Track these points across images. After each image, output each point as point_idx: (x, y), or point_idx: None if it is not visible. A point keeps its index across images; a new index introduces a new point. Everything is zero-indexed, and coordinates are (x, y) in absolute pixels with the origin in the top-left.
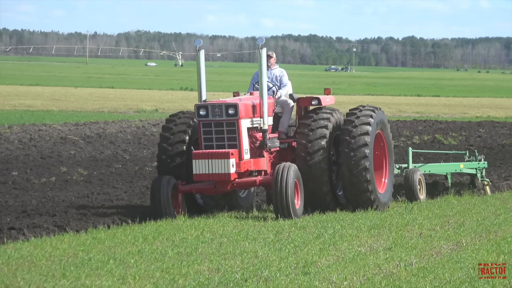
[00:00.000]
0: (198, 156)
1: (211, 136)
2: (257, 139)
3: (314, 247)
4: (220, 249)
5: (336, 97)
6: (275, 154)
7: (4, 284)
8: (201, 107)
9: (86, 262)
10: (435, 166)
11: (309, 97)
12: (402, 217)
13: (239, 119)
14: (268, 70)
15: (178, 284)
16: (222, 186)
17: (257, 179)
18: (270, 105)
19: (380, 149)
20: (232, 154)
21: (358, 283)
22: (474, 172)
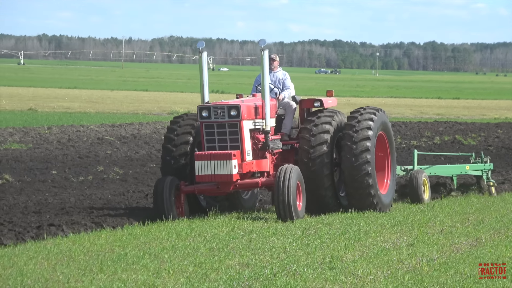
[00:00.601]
0: (200, 157)
1: (213, 137)
2: (259, 141)
3: (340, 243)
4: (250, 244)
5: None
6: (277, 155)
7: (44, 278)
8: (203, 109)
9: (122, 257)
10: (441, 168)
11: (311, 99)
12: (424, 214)
13: (241, 121)
14: (271, 72)
15: (210, 278)
16: (224, 187)
17: (259, 181)
18: (272, 107)
19: (382, 150)
20: (234, 155)
21: (382, 278)
22: (480, 173)
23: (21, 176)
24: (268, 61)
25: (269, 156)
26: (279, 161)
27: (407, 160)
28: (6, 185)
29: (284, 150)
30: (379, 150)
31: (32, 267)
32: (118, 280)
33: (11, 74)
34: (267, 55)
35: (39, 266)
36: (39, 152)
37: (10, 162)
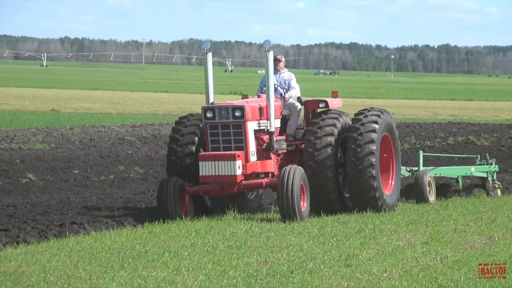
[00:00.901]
0: (204, 158)
1: (217, 138)
2: (264, 141)
3: (356, 241)
4: (268, 242)
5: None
6: (282, 156)
7: (67, 274)
8: (208, 109)
9: (143, 254)
10: (446, 169)
11: (316, 100)
12: (438, 213)
13: (245, 121)
14: (277, 73)
15: (229, 275)
16: (228, 188)
17: (263, 181)
18: (277, 108)
19: (387, 151)
20: (238, 156)
21: (397, 275)
22: (485, 175)
23: (44, 175)
24: (274, 62)
25: (274, 157)
26: (284, 161)
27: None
28: (30, 184)
29: (289, 151)
30: (384, 151)
31: (54, 264)
32: (138, 277)
33: (34, 76)
34: (272, 56)
35: (61, 263)
36: (62, 152)
37: (33, 162)
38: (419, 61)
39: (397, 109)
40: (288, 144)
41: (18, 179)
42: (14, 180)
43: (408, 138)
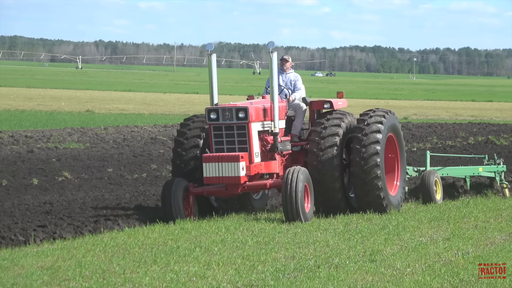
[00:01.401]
0: (208, 159)
1: (221, 139)
2: (268, 142)
3: (380, 237)
4: (295, 238)
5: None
6: (287, 157)
7: (101, 269)
8: (211, 111)
9: (174, 249)
10: (453, 169)
11: (321, 101)
12: (459, 211)
13: (249, 123)
14: (284, 74)
15: (258, 270)
16: (232, 189)
17: (267, 182)
18: (282, 109)
19: (392, 151)
20: (242, 157)
21: (420, 270)
22: (493, 175)
23: (79, 173)
24: (281, 62)
25: (279, 158)
26: (288, 162)
27: (442, 159)
28: (65, 182)
29: (294, 152)
30: (389, 152)
31: (90, 259)
32: (171, 272)
33: (70, 77)
34: (276, 57)
35: (96, 258)
36: (96, 151)
37: (69, 161)
38: (440, 63)
39: (419, 109)
40: (293, 144)
41: (54, 177)
42: (51, 178)
43: (430, 138)
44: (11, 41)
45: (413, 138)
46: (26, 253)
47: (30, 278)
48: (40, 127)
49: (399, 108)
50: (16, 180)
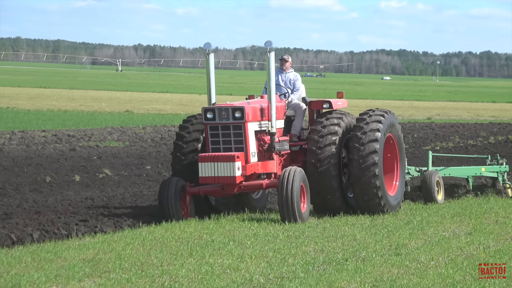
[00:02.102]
0: (204, 159)
1: (218, 139)
2: (265, 142)
3: (405, 231)
4: (324, 232)
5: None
6: (286, 157)
7: (140, 261)
8: (208, 110)
9: (209, 243)
10: (456, 169)
11: (320, 101)
12: (480, 207)
13: (245, 122)
14: (283, 73)
15: (288, 263)
16: (229, 189)
17: (263, 182)
18: (281, 108)
19: (391, 151)
20: (238, 157)
21: (443, 263)
22: (496, 175)
23: (119, 170)
24: (281, 61)
25: (277, 158)
26: (287, 162)
27: (462, 158)
28: (106, 178)
29: (293, 151)
30: (388, 152)
31: (129, 252)
32: (206, 264)
33: (110, 79)
34: (273, 57)
35: (135, 251)
36: (135, 149)
37: (109, 158)
38: (462, 66)
39: (442, 110)
40: (292, 144)
41: (95, 174)
42: (92, 175)
43: (452, 137)
44: (54, 45)
45: (436, 138)
46: (68, 246)
47: (73, 270)
48: (82, 126)
49: (423, 109)
50: (59, 176)
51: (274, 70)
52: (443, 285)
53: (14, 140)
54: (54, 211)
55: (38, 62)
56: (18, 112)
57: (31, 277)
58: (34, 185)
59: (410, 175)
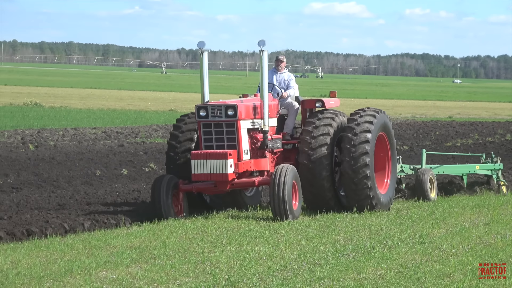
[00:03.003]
0: (196, 156)
1: (211, 136)
2: (258, 140)
3: (428, 222)
4: (353, 222)
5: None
6: (279, 154)
7: (183, 249)
8: (201, 108)
9: (247, 232)
10: (450, 167)
11: (313, 100)
12: (498, 199)
13: (238, 120)
14: (278, 73)
15: (320, 250)
16: (221, 186)
17: (256, 180)
18: (274, 107)
19: (383, 150)
20: (230, 154)
21: (464, 251)
22: (490, 173)
23: (164, 165)
24: (276, 62)
25: (269, 155)
26: (280, 160)
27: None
28: (151, 172)
29: (286, 149)
30: (379, 150)
31: (173, 240)
32: (244, 251)
33: (155, 81)
34: (266, 56)
35: (178, 239)
36: None
37: (154, 153)
38: (481, 69)
39: (462, 109)
40: (285, 142)
41: (142, 168)
42: (138, 169)
43: (472, 134)
44: (104, 49)
45: (457, 135)
46: (117, 234)
47: (121, 256)
48: (129, 124)
49: (445, 108)
50: (109, 170)
51: (267, 69)
52: (463, 271)
53: (66, 136)
54: (103, 202)
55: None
56: (70, 111)
57: (83, 263)
58: (85, 178)
59: (404, 173)
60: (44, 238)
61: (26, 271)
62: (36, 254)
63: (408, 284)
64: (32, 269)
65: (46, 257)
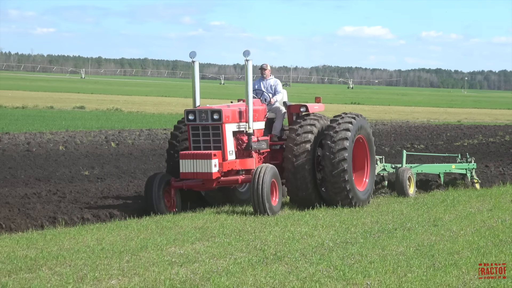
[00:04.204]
0: (184, 156)
1: (198, 138)
2: (243, 142)
3: (440, 208)
4: (378, 208)
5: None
6: (266, 155)
7: (238, 229)
8: (190, 112)
9: (290, 215)
10: (428, 166)
11: (298, 105)
12: (498, 189)
13: (223, 124)
14: (264, 80)
15: (351, 231)
16: (208, 184)
17: (239, 178)
18: (262, 111)
19: (362, 151)
20: (214, 155)
21: (470, 232)
22: (464, 172)
23: None
24: (261, 70)
25: (256, 155)
26: (267, 159)
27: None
28: None
29: (274, 150)
30: (359, 152)
31: (229, 221)
32: (288, 231)
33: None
34: (251, 65)
35: (234, 221)
36: None
37: None
38: (485, 81)
39: (469, 115)
40: (273, 144)
41: None
42: None
43: (476, 136)
44: (173, 64)
45: (465, 136)
46: (184, 217)
47: (187, 235)
48: None
49: (454, 114)
50: None
51: (252, 77)
52: (470, 249)
53: (142, 136)
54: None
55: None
56: (145, 115)
57: (155, 240)
58: (157, 170)
59: (386, 171)
60: (124, 219)
61: (108, 247)
62: (117, 233)
63: (424, 259)
64: (113, 245)
65: (125, 235)
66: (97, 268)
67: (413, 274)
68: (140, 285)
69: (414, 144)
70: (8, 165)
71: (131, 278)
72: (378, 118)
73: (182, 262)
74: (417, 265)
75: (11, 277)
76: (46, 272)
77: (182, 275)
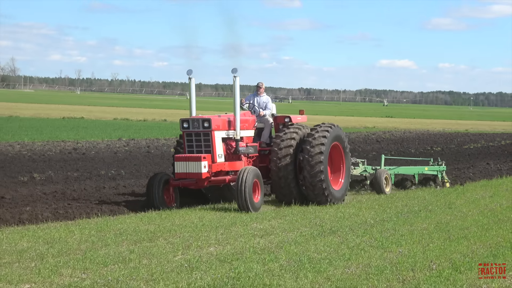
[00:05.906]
0: (178, 159)
1: (192, 143)
2: (232, 147)
3: (453, 194)
4: (407, 195)
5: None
6: (255, 158)
7: (302, 210)
8: (184, 121)
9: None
10: (405, 168)
11: (283, 116)
12: (497, 181)
13: (212, 131)
14: (258, 96)
15: (386, 212)
16: (200, 182)
17: (226, 178)
18: (251, 122)
19: (338, 156)
20: (204, 158)
21: (476, 213)
22: (436, 173)
23: None
24: (257, 87)
25: (245, 159)
26: (256, 163)
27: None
28: None
29: (262, 154)
30: (335, 156)
31: (296, 204)
32: (339, 212)
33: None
34: (238, 81)
35: (300, 204)
36: None
37: None
38: (486, 100)
39: (474, 125)
40: (261, 149)
41: None
42: None
43: (479, 141)
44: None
45: (471, 141)
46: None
47: (265, 215)
48: None
49: (463, 125)
50: None
51: (239, 92)
52: (476, 226)
53: None
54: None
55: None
56: None
57: (242, 218)
58: None
59: (367, 172)
60: (218, 203)
61: (207, 223)
62: (214, 212)
63: (442, 233)
64: (211, 222)
65: (220, 214)
66: (199, 238)
67: (433, 244)
68: (232, 251)
69: (433, 147)
70: (134, 162)
71: (224, 246)
72: (406, 127)
73: (261, 235)
74: (436, 237)
75: (137, 245)
76: (162, 242)
77: (262, 244)
